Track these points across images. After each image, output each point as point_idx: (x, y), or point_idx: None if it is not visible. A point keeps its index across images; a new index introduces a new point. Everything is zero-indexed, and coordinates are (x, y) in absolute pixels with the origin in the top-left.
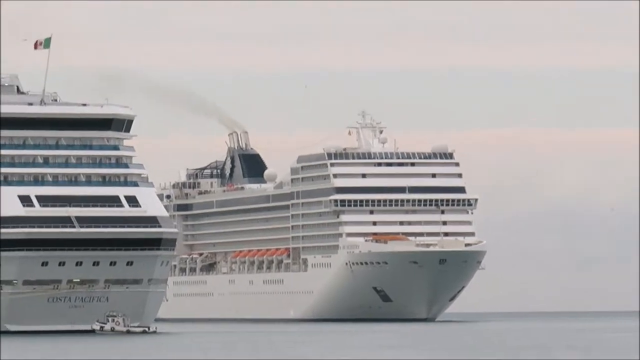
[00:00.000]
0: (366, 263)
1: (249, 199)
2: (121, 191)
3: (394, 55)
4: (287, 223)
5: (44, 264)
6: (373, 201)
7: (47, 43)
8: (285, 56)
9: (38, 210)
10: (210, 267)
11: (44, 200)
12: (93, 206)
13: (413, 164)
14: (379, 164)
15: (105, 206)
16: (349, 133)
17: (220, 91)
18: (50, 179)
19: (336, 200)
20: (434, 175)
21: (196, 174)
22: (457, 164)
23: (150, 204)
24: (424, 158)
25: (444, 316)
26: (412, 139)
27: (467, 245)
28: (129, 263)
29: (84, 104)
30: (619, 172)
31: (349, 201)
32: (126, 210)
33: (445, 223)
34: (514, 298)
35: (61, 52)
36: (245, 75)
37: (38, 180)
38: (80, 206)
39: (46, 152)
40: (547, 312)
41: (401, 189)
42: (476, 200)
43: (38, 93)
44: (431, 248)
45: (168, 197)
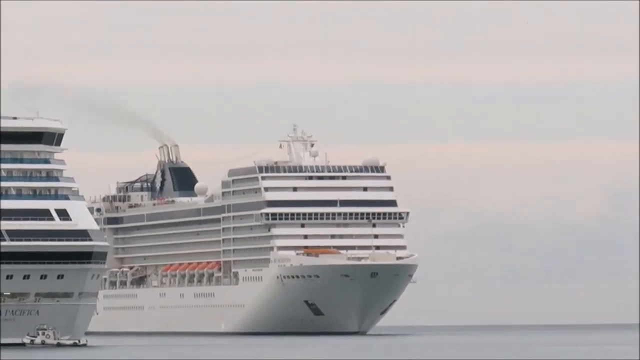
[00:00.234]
0: (297, 276)
1: (180, 212)
2: (52, 204)
3: (326, 69)
4: (218, 236)
5: None
6: (304, 214)
7: None
8: (215, 70)
9: None
10: (140, 281)
11: None
12: (24, 219)
13: (344, 178)
14: (310, 178)
15: (35, 219)
16: (280, 146)
17: (150, 104)
18: None
19: (267, 213)
20: (365, 188)
21: (126, 187)
22: (389, 178)
23: (80, 217)
24: (355, 171)
25: (375, 330)
26: (343, 153)
27: (399, 258)
28: (60, 276)
29: (15, 118)
30: (548, 187)
31: (280, 214)
32: (57, 223)
33: (376, 236)
34: (445, 312)
35: None
36: (176, 89)
37: None
38: (10, 219)
39: None
40: (478, 326)
41: (332, 203)
42: (407, 213)
43: None
44: (362, 261)
45: (98, 211)
